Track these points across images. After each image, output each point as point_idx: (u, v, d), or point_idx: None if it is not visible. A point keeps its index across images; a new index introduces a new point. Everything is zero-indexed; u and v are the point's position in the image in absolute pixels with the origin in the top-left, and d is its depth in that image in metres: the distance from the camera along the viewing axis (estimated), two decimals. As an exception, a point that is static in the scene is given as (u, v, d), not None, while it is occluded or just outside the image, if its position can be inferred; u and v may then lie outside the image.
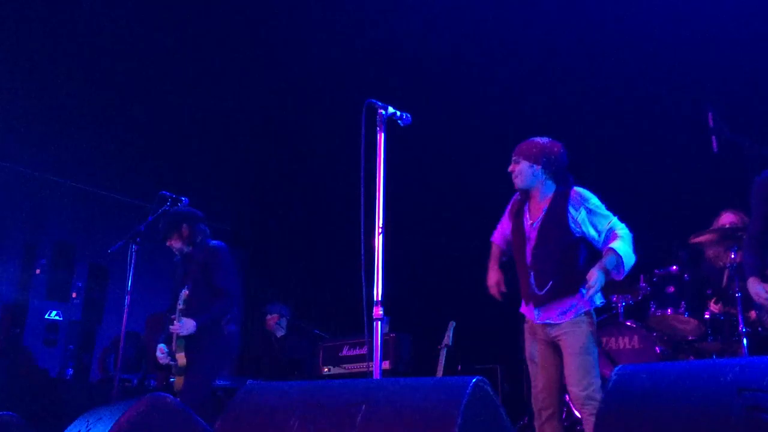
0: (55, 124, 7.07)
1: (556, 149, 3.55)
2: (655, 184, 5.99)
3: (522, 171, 3.53)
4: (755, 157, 3.69)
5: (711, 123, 3.91)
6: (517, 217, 3.62)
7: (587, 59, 6.08)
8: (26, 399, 6.03)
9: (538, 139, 3.58)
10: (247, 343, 8.50)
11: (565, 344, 3.37)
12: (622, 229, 3.42)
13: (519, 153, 3.55)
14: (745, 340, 3.92)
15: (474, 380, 1.84)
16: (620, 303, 5.19)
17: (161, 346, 4.31)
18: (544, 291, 3.41)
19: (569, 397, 3.35)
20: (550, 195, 3.53)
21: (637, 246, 3.46)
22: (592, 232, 3.41)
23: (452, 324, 5.15)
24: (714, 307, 4.61)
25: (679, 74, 5.79)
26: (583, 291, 3.31)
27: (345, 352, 6.13)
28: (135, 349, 6.88)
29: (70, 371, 6.97)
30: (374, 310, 2.81)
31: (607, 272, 3.28)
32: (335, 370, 6.12)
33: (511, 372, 5.60)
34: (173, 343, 4.21)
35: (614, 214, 3.48)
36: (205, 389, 4.29)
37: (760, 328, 3.98)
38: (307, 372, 6.35)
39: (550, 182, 3.54)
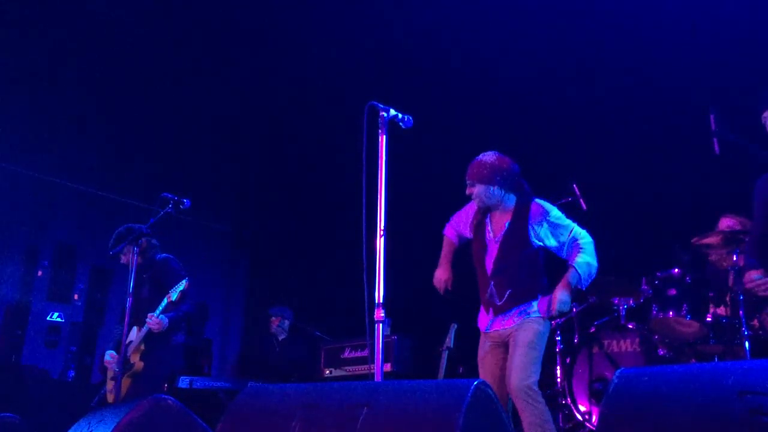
0: (57, 127, 7.08)
1: (505, 165, 3.61)
2: (657, 186, 5.98)
3: (479, 194, 3.60)
4: (757, 160, 3.68)
5: (713, 125, 3.90)
6: (479, 229, 3.70)
7: (589, 61, 6.08)
8: (28, 401, 6.03)
9: (485, 159, 3.63)
10: (249, 345, 8.50)
11: (514, 338, 3.44)
12: (583, 239, 3.53)
13: (472, 177, 3.63)
14: (747, 343, 3.91)
15: (475, 383, 1.84)
16: (622, 305, 5.18)
17: (111, 352, 4.68)
18: (503, 300, 3.50)
19: (510, 390, 3.34)
20: (512, 208, 3.62)
21: (639, 249, 3.47)
22: (554, 243, 3.54)
23: (454, 326, 5.14)
24: (716, 309, 4.59)
25: (682, 77, 5.78)
26: (542, 305, 3.45)
27: (346, 354, 6.13)
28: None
29: (72, 373, 6.97)
30: (376, 313, 2.81)
31: (571, 289, 3.43)
32: (336, 373, 6.11)
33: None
34: (128, 350, 4.51)
35: (574, 222, 3.58)
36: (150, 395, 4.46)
37: (761, 332, 3.97)
38: (308, 374, 6.35)
39: (509, 195, 3.62)
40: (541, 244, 3.54)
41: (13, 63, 6.54)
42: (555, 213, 3.58)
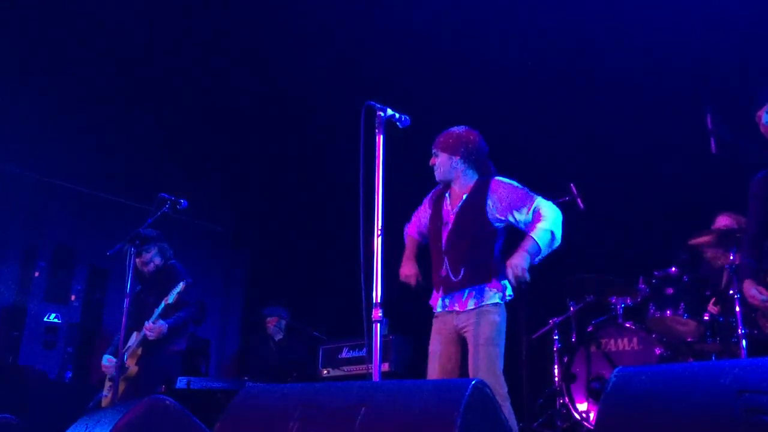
0: (54, 127, 7.07)
1: (473, 137, 3.50)
2: (653, 185, 5.99)
3: (441, 164, 3.51)
4: (754, 158, 3.69)
5: (710, 124, 3.91)
6: (437, 204, 3.59)
7: (586, 61, 6.09)
8: (25, 401, 6.02)
9: (454, 130, 3.54)
10: (247, 345, 8.50)
11: (471, 335, 3.29)
12: (546, 208, 3.33)
13: (437, 146, 3.53)
14: (744, 342, 3.92)
15: (473, 382, 1.84)
16: (619, 304, 5.19)
17: (109, 357, 4.77)
18: (458, 277, 3.36)
19: None
20: (471, 184, 3.50)
21: (636, 248, 3.45)
22: (518, 217, 3.35)
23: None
24: (713, 308, 4.61)
25: (678, 75, 5.79)
26: (492, 283, 3.30)
27: (344, 354, 6.13)
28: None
29: (69, 374, 6.96)
30: (373, 312, 2.81)
31: (528, 257, 3.22)
32: (334, 372, 6.11)
33: (510, 373, 5.59)
34: (125, 353, 4.60)
35: (538, 194, 3.40)
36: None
37: (755, 331, 3.98)
38: (306, 374, 6.34)
39: (470, 171, 3.51)
40: (501, 223, 3.39)
41: (12, 64, 6.53)
42: (516, 185, 3.43)
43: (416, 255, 3.70)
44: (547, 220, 3.29)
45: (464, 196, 3.48)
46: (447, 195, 3.58)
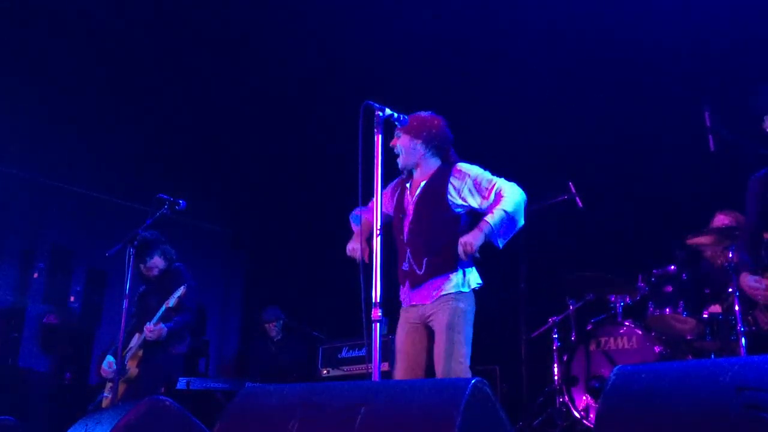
0: (52, 128, 7.06)
1: (436, 122, 3.42)
2: (652, 183, 5.99)
3: (403, 146, 3.41)
4: (752, 156, 3.69)
5: (708, 122, 3.91)
6: (400, 194, 3.50)
7: (585, 59, 6.08)
8: (24, 403, 6.02)
9: (421, 114, 3.45)
10: (246, 346, 8.50)
11: (436, 323, 3.23)
12: (508, 189, 3.25)
13: (400, 128, 3.40)
14: (743, 340, 3.93)
15: (473, 381, 1.84)
16: (618, 303, 5.20)
17: (110, 360, 4.72)
18: (422, 270, 3.27)
19: None
20: (433, 170, 3.42)
21: (635, 246, 3.44)
22: (478, 200, 3.27)
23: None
24: (712, 306, 4.61)
25: (676, 73, 5.80)
26: (458, 272, 3.22)
27: (344, 354, 6.12)
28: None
29: (68, 375, 6.96)
30: (373, 312, 2.80)
31: (483, 235, 3.15)
32: (334, 372, 6.11)
33: (509, 372, 5.60)
34: (126, 354, 4.60)
35: (500, 177, 3.33)
36: None
37: (754, 328, 3.98)
38: (306, 374, 6.34)
39: (432, 158, 3.43)
40: (463, 206, 3.29)
41: (9, 64, 6.52)
42: (477, 170, 3.34)
43: (365, 234, 3.46)
44: (505, 202, 3.20)
45: (422, 183, 3.40)
46: (408, 184, 3.49)
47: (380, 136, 2.99)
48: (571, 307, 5.42)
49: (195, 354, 6.93)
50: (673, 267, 4.79)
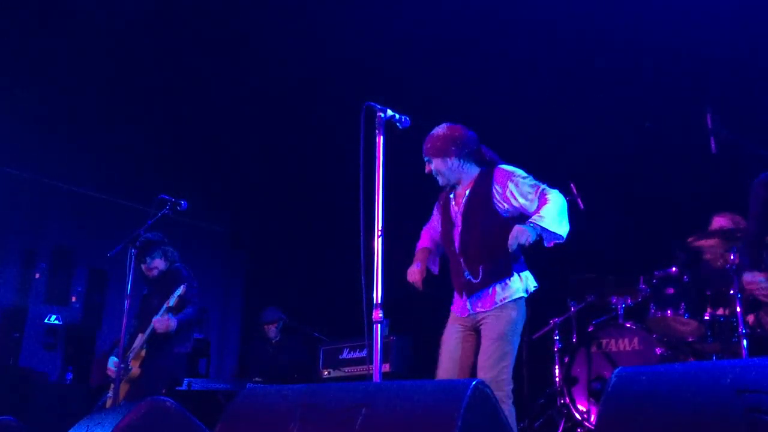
0: (53, 128, 7.07)
1: (458, 134, 3.43)
2: (653, 185, 5.99)
3: (439, 170, 3.44)
4: (754, 158, 3.69)
5: (709, 124, 3.91)
6: (445, 207, 3.53)
7: (586, 60, 6.09)
8: (26, 403, 6.02)
9: (437, 132, 3.46)
10: (246, 346, 8.50)
11: (486, 328, 3.25)
12: (552, 193, 3.28)
13: (427, 153, 3.44)
14: (744, 342, 3.92)
15: (474, 382, 1.84)
16: (620, 305, 5.20)
17: (114, 360, 4.69)
18: (479, 278, 3.29)
19: None
20: (474, 177, 3.44)
21: (636, 248, 3.44)
22: (523, 202, 3.28)
23: (452, 326, 5.14)
24: (713, 308, 4.61)
25: (678, 74, 5.79)
26: (514, 276, 3.26)
27: (345, 355, 6.13)
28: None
29: (70, 375, 6.96)
30: (374, 313, 2.80)
31: (534, 231, 3.16)
32: (335, 373, 6.11)
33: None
34: (129, 354, 4.61)
35: (544, 182, 3.36)
36: None
37: (759, 330, 3.98)
38: (306, 375, 6.34)
39: (470, 166, 3.45)
40: (509, 209, 3.30)
41: (10, 65, 6.53)
42: (520, 172, 3.35)
43: (426, 261, 3.62)
44: (552, 205, 3.23)
45: (467, 192, 3.42)
46: (452, 196, 3.52)
47: (382, 137, 2.99)
48: (572, 309, 5.42)
49: (196, 354, 6.93)
50: (674, 269, 4.79)
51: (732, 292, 4.08)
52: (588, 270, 5.47)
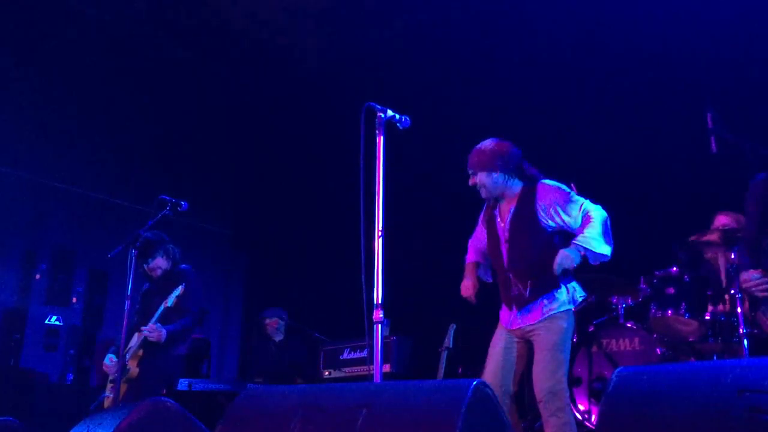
0: (54, 130, 7.07)
1: (505, 149, 3.52)
2: (654, 184, 5.99)
3: (483, 183, 3.51)
4: (754, 158, 3.69)
5: (710, 123, 3.91)
6: (490, 222, 3.62)
7: (586, 59, 6.09)
8: (27, 404, 6.02)
9: (484, 146, 3.55)
10: (246, 347, 8.49)
11: (539, 340, 3.34)
12: (595, 211, 3.37)
13: (473, 165, 3.54)
14: (745, 341, 3.92)
15: (475, 383, 1.84)
16: (620, 305, 5.19)
17: (111, 356, 4.70)
18: (528, 292, 3.38)
19: (537, 397, 3.34)
20: (518, 192, 3.52)
21: (637, 247, 3.45)
22: (567, 219, 3.38)
23: (453, 326, 5.14)
24: (714, 308, 4.60)
25: (678, 74, 5.79)
26: (561, 288, 3.35)
27: (345, 355, 6.12)
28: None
29: (71, 376, 6.97)
30: (374, 313, 2.80)
31: (578, 253, 3.26)
32: (336, 374, 6.11)
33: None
34: (127, 354, 4.57)
35: (586, 198, 3.46)
36: None
37: (756, 330, 3.98)
38: (307, 375, 6.34)
39: (514, 181, 3.53)
40: (553, 225, 3.39)
41: (9, 66, 6.53)
42: (563, 188, 3.47)
43: (476, 274, 3.73)
44: (597, 223, 3.32)
45: (512, 208, 3.50)
46: (497, 211, 3.59)
47: (382, 137, 2.99)
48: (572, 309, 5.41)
49: (196, 355, 6.93)
50: (675, 268, 4.78)
51: (733, 291, 4.08)
52: (588, 270, 5.46)
